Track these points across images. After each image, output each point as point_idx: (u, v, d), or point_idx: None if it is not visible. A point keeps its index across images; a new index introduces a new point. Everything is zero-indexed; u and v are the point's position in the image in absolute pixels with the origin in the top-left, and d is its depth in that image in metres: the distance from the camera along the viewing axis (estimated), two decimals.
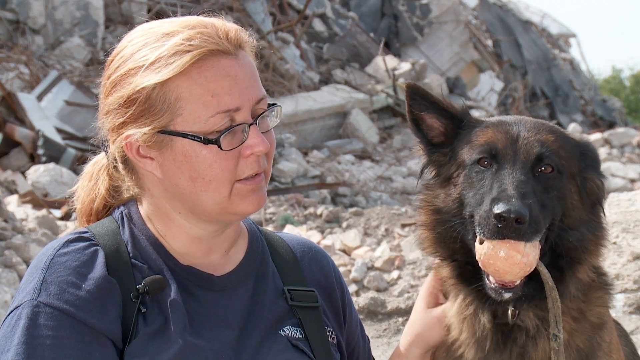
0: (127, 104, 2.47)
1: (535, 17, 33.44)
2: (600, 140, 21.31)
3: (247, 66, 2.53)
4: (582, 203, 2.63)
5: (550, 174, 2.58)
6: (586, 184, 2.66)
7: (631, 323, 5.39)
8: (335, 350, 2.70)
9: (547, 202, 2.55)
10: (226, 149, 2.44)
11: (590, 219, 2.64)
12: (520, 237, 2.46)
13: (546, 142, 2.61)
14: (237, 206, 2.49)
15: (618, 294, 5.56)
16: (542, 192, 2.55)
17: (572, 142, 2.69)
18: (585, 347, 2.67)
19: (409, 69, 22.59)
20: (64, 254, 2.44)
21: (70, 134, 14.99)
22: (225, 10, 20.49)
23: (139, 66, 2.45)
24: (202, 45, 2.45)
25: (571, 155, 2.65)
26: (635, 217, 5.98)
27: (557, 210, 2.57)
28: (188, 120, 2.44)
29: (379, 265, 9.53)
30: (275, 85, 20.01)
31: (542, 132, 2.64)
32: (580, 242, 2.60)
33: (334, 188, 15.09)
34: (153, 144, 2.47)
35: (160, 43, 2.46)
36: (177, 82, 2.43)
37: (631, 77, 48.10)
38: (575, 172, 2.64)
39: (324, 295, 2.76)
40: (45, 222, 9.50)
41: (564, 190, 2.60)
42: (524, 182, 2.53)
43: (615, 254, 5.72)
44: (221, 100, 2.44)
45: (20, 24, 18.60)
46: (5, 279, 7.54)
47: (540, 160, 2.59)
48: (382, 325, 6.16)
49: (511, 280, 2.52)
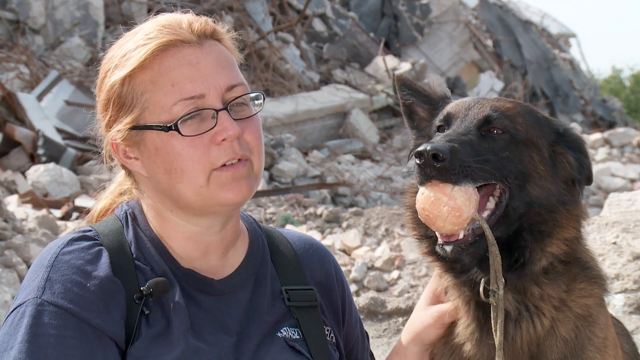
0: (106, 105, 2.53)
1: (535, 17, 33.45)
2: (600, 140, 21.32)
3: (213, 54, 2.52)
4: (551, 175, 2.64)
5: (500, 135, 2.60)
6: (556, 157, 2.67)
7: (631, 323, 5.39)
8: (333, 349, 2.70)
9: (494, 160, 2.56)
10: (186, 134, 2.43)
11: (563, 194, 2.64)
12: (443, 177, 2.48)
13: (500, 108, 2.66)
14: (217, 195, 2.47)
15: (618, 294, 5.56)
16: (488, 149, 2.57)
17: (541, 118, 2.70)
18: (571, 339, 2.67)
19: (409, 69, 22.59)
20: (68, 252, 2.44)
21: (70, 134, 14.98)
22: (225, 10, 20.49)
23: (112, 66, 2.52)
24: (160, 37, 2.48)
25: (534, 126, 2.66)
26: (635, 217, 5.98)
27: (512, 172, 2.58)
28: (154, 112, 2.46)
29: (379, 265, 9.53)
30: (275, 85, 20.01)
31: (502, 101, 2.69)
32: (550, 214, 2.60)
33: (334, 188, 15.08)
34: (131, 142, 2.50)
35: (126, 41, 2.53)
36: (141, 76, 2.46)
37: (631, 77, 48.12)
38: (538, 142, 2.65)
39: (323, 293, 2.76)
40: (45, 222, 9.50)
41: (521, 155, 2.61)
42: (461, 134, 2.58)
43: (615, 254, 5.72)
44: (182, 87, 2.45)
45: (20, 24, 18.60)
46: (5, 279, 7.54)
47: (488, 122, 2.62)
48: (382, 325, 6.15)
49: (450, 230, 2.52)
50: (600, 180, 18.76)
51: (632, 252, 5.69)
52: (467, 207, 2.51)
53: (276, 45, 21.06)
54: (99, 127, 2.61)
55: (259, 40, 20.23)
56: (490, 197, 2.60)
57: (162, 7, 17.95)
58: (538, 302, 2.66)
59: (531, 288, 2.66)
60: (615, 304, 5.49)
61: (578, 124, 24.56)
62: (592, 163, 2.73)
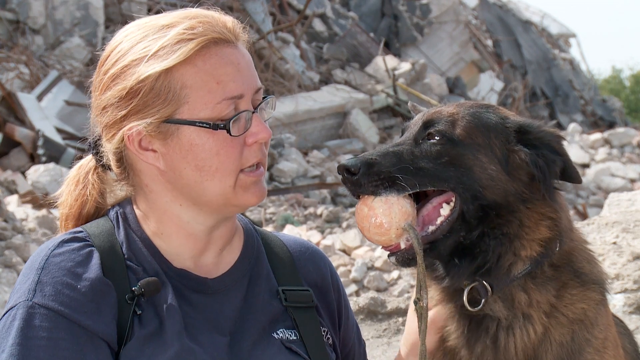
0: (129, 95, 2.46)
1: (535, 17, 33.46)
2: (600, 140, 21.33)
3: (246, 55, 2.55)
4: (505, 174, 2.60)
5: (438, 141, 2.60)
6: (509, 156, 2.63)
7: (631, 323, 5.39)
8: (330, 351, 2.69)
9: (431, 167, 2.57)
10: (235, 134, 2.45)
11: (523, 192, 2.60)
12: (359, 190, 2.55)
13: (439, 114, 2.67)
14: (240, 197, 2.50)
15: (618, 294, 5.56)
16: (424, 157, 2.58)
17: (490, 119, 2.67)
18: (567, 342, 2.64)
19: (409, 69, 22.60)
20: (58, 254, 2.43)
21: (70, 134, 15.00)
22: (225, 10, 20.44)
23: (141, 57, 2.45)
24: (206, 33, 2.46)
25: (478, 127, 2.64)
26: (635, 217, 5.98)
27: (454, 177, 2.57)
28: (194, 107, 2.44)
29: (379, 265, 9.54)
30: (275, 85, 20.02)
31: (448, 107, 2.70)
32: (512, 215, 2.58)
33: (334, 188, 15.09)
34: (157, 134, 2.46)
35: (160, 34, 2.46)
36: (182, 70, 2.43)
37: (631, 77, 48.12)
38: (484, 143, 2.62)
39: (319, 296, 2.75)
40: (45, 222, 9.51)
41: (463, 158, 2.59)
42: (395, 145, 2.63)
43: (615, 254, 5.72)
44: (226, 87, 2.45)
45: (20, 24, 18.61)
46: (5, 279, 7.54)
47: (425, 129, 2.64)
48: (382, 325, 6.16)
49: (379, 241, 2.55)
50: (600, 180, 18.78)
51: (632, 252, 5.69)
52: (388, 217, 2.50)
53: (276, 45, 21.06)
54: (102, 118, 2.53)
55: (259, 40, 20.23)
56: (445, 204, 2.59)
57: (162, 7, 17.96)
58: (527, 309, 2.63)
59: (518, 295, 2.63)
60: (615, 304, 5.49)
61: (578, 124, 24.56)
62: (568, 158, 2.65)
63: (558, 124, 26.68)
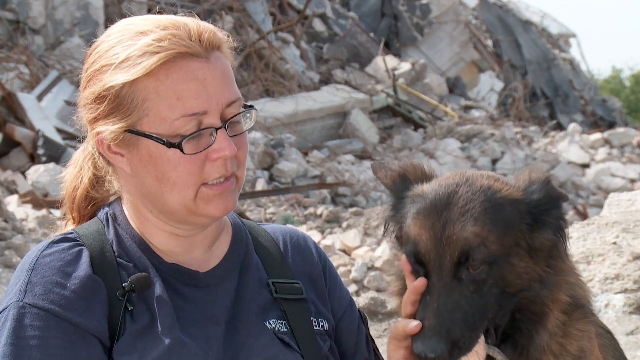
0: (98, 100, 2.51)
1: (535, 17, 33.46)
2: (600, 140, 21.33)
3: (218, 69, 2.49)
4: (533, 262, 2.56)
5: (479, 271, 2.49)
6: (534, 242, 2.56)
7: (631, 323, 5.40)
8: (322, 340, 2.70)
9: (482, 304, 2.51)
10: (188, 152, 2.44)
11: (543, 274, 2.56)
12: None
13: (469, 238, 2.49)
14: (202, 209, 2.49)
15: (618, 294, 5.56)
16: (471, 293, 2.50)
17: (507, 212, 2.55)
18: None
19: (409, 69, 22.62)
20: (48, 254, 2.46)
21: (70, 134, 14.99)
22: (225, 10, 20.50)
23: (110, 64, 2.47)
24: (171, 47, 2.44)
25: (505, 230, 2.54)
26: (635, 217, 5.98)
27: (497, 298, 2.53)
28: (154, 121, 2.44)
29: (379, 265, 9.54)
30: (275, 85, 20.04)
31: (468, 221, 2.50)
32: (537, 298, 2.57)
33: (334, 188, 15.10)
34: (121, 142, 2.48)
35: (132, 42, 2.47)
36: (145, 83, 2.43)
37: (631, 77, 48.10)
38: (513, 244, 2.53)
39: (310, 284, 2.76)
40: (45, 222, 9.51)
41: (502, 272, 2.52)
42: (445, 295, 2.48)
43: (615, 254, 5.73)
44: (187, 103, 2.43)
45: (20, 24, 18.61)
46: (5, 279, 7.55)
47: (463, 263, 2.49)
48: (382, 325, 6.17)
49: None
50: (600, 180, 18.78)
51: (632, 252, 5.70)
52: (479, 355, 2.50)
53: (276, 45, 21.07)
54: (82, 114, 2.61)
55: (259, 40, 20.24)
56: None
57: (162, 7, 17.96)
58: (539, 355, 2.63)
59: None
60: (615, 304, 5.50)
61: (578, 124, 24.55)
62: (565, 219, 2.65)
63: (558, 123, 26.70)
